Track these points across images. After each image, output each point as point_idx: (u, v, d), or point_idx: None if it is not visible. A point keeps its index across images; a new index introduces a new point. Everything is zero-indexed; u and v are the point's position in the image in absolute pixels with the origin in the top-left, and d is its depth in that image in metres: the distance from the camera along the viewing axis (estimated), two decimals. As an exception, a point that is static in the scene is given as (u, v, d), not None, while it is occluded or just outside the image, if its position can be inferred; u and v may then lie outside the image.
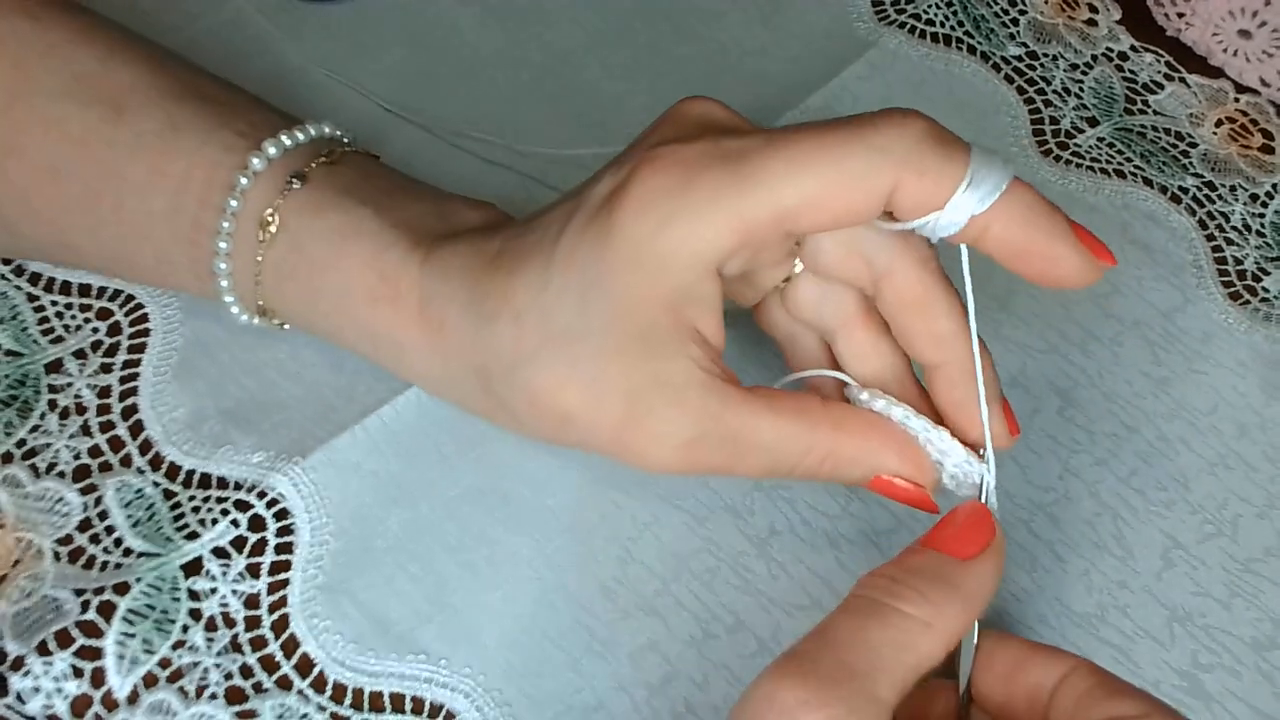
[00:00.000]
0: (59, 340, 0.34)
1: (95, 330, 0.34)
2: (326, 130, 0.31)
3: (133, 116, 0.29)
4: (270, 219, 0.29)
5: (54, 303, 0.34)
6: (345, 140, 0.31)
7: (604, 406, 0.26)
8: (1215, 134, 0.42)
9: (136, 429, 0.32)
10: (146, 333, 0.34)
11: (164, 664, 0.29)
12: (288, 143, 0.29)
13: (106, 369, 0.33)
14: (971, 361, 0.27)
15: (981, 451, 0.28)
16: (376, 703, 0.29)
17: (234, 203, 0.29)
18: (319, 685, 0.29)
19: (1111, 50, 0.44)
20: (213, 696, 0.29)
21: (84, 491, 0.31)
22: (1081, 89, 0.43)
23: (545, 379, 0.26)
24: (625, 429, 0.26)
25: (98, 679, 0.29)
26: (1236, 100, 0.43)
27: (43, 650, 0.29)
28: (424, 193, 0.30)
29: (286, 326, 0.31)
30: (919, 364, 0.29)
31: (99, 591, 0.30)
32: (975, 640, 0.26)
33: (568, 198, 0.27)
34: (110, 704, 0.29)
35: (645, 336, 0.25)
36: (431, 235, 0.28)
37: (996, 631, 0.27)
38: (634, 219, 0.25)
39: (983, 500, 0.28)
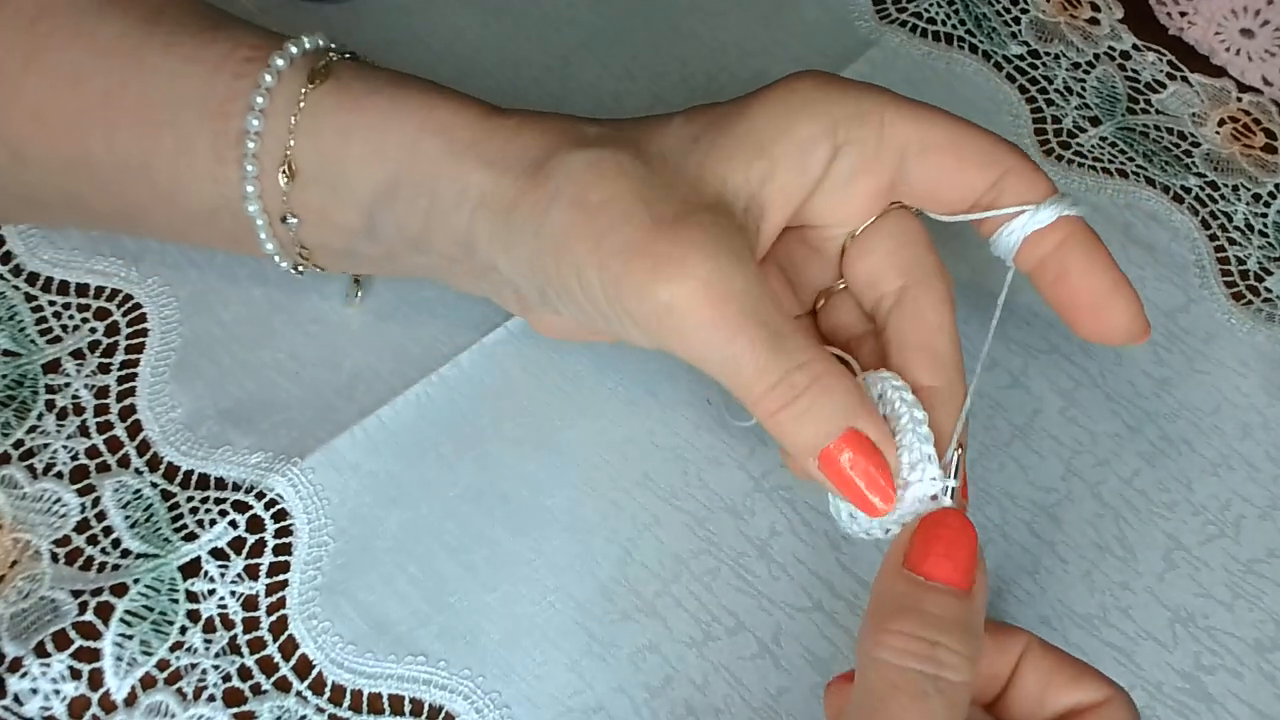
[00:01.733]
0: (56, 340, 0.34)
1: (93, 330, 0.34)
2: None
3: (171, 16, 0.29)
4: (323, 69, 0.28)
5: (51, 303, 0.34)
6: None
7: (654, 205, 0.26)
8: (1218, 133, 0.42)
9: (134, 429, 0.32)
10: (144, 333, 0.34)
11: (162, 665, 0.29)
12: (321, 42, 0.29)
13: (104, 369, 0.33)
14: (956, 394, 0.27)
15: (945, 464, 0.26)
16: (375, 704, 0.29)
17: (280, 61, 0.28)
18: (318, 687, 0.29)
19: (1114, 49, 0.44)
20: (211, 698, 0.29)
21: (82, 492, 0.31)
22: (1084, 88, 0.43)
23: (612, 164, 0.26)
24: (662, 231, 0.25)
25: (95, 680, 0.29)
26: (1239, 100, 0.43)
27: (40, 652, 0.29)
28: None
29: (292, 227, 0.29)
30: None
31: (97, 593, 0.30)
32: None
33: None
34: (108, 705, 0.29)
35: (728, 179, 0.27)
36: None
37: None
38: (795, 79, 0.28)
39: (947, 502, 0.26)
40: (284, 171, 0.28)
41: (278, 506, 0.31)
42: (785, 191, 0.27)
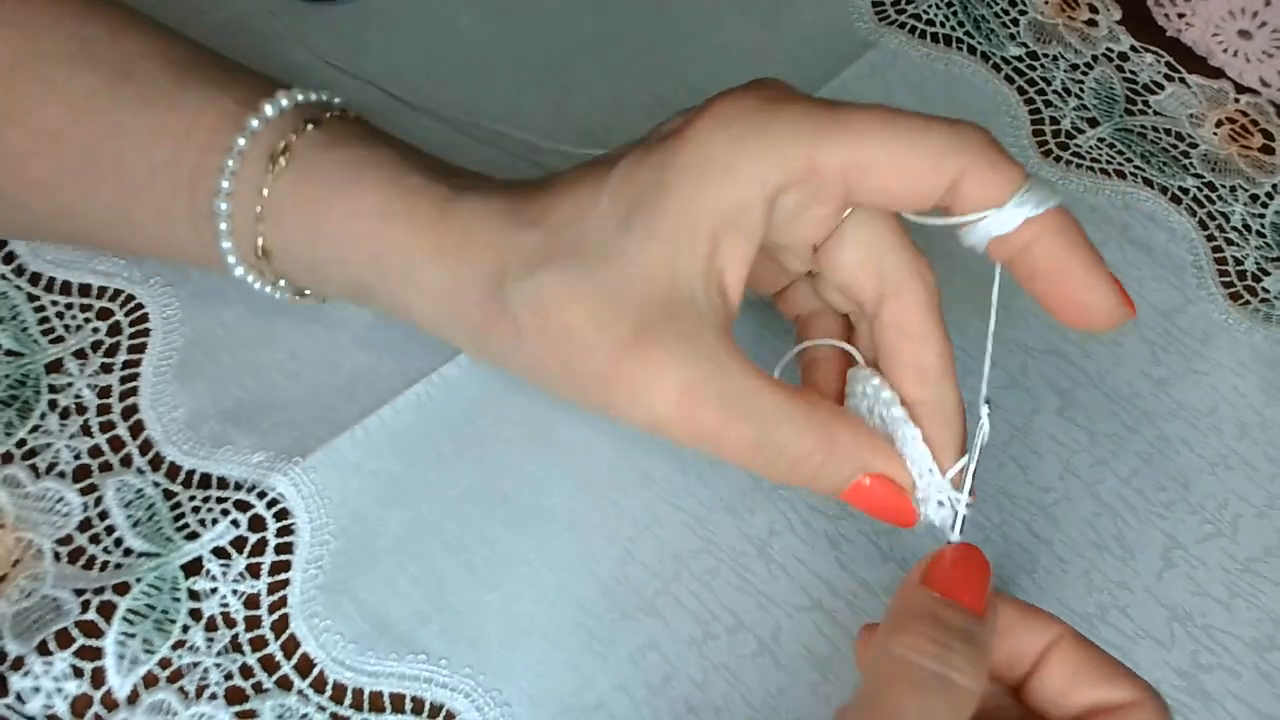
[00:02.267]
0: (59, 340, 0.34)
1: (95, 330, 0.34)
2: (336, 100, 0.31)
3: (140, 77, 0.29)
4: (283, 151, 0.28)
5: (54, 303, 0.34)
6: (354, 115, 0.31)
7: (610, 327, 0.25)
8: (1215, 134, 0.42)
9: (137, 429, 0.32)
10: (147, 333, 0.34)
11: (164, 664, 0.29)
12: (300, 98, 0.29)
13: (107, 369, 0.33)
14: (947, 405, 0.27)
15: (949, 476, 0.27)
16: (376, 703, 0.29)
17: (241, 141, 0.28)
18: (319, 685, 0.29)
19: (1112, 50, 0.44)
20: (213, 696, 0.29)
21: (84, 491, 0.31)
22: (1082, 89, 0.43)
23: (560, 288, 0.25)
24: (627, 357, 0.25)
25: (98, 679, 0.29)
26: (1237, 101, 0.43)
27: (43, 650, 0.29)
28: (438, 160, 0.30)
29: (282, 284, 0.30)
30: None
31: (99, 591, 0.30)
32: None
33: (620, 147, 0.27)
34: (110, 704, 0.29)
35: (675, 266, 0.25)
36: (457, 176, 0.29)
37: (994, 592, 0.27)
38: (709, 130, 0.25)
39: (956, 534, 0.27)
40: (258, 253, 0.29)
41: (279, 506, 0.31)
42: (735, 257, 0.26)
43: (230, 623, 0.30)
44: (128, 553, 0.31)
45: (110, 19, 0.30)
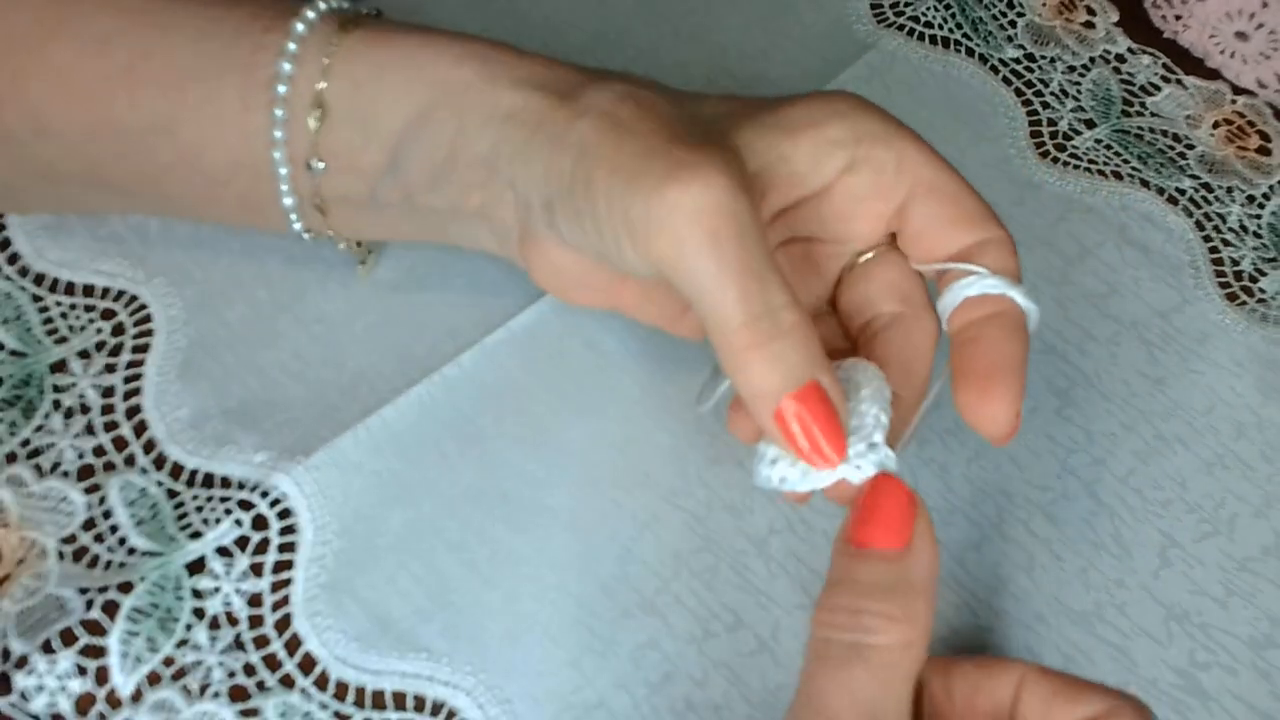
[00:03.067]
0: (63, 340, 0.34)
1: (99, 330, 0.34)
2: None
3: None
4: (353, 20, 0.29)
5: (58, 303, 0.34)
6: None
7: (678, 131, 0.26)
8: (1212, 135, 0.42)
9: (140, 428, 0.33)
10: (150, 333, 0.34)
11: (168, 662, 0.29)
12: (349, 5, 0.30)
13: (110, 369, 0.33)
14: (917, 400, 0.28)
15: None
16: (378, 700, 0.30)
17: (311, 14, 0.29)
18: (321, 683, 0.30)
19: (1109, 52, 0.44)
20: (216, 695, 0.29)
21: (88, 491, 0.31)
22: (1079, 91, 0.43)
23: (645, 97, 0.27)
24: (685, 146, 0.25)
25: (102, 677, 0.29)
26: (1233, 102, 0.43)
27: (47, 649, 0.29)
28: None
29: (320, 165, 0.29)
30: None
31: (103, 590, 0.30)
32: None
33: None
34: (114, 702, 0.29)
35: (753, 146, 0.27)
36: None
37: (942, 658, 0.27)
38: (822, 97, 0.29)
39: (884, 465, 0.26)
40: (314, 112, 0.28)
41: (282, 505, 0.32)
42: (794, 179, 0.28)
43: (233, 621, 0.30)
44: (131, 552, 0.31)
45: None
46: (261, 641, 0.30)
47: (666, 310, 0.30)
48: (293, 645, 0.30)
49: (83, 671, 0.29)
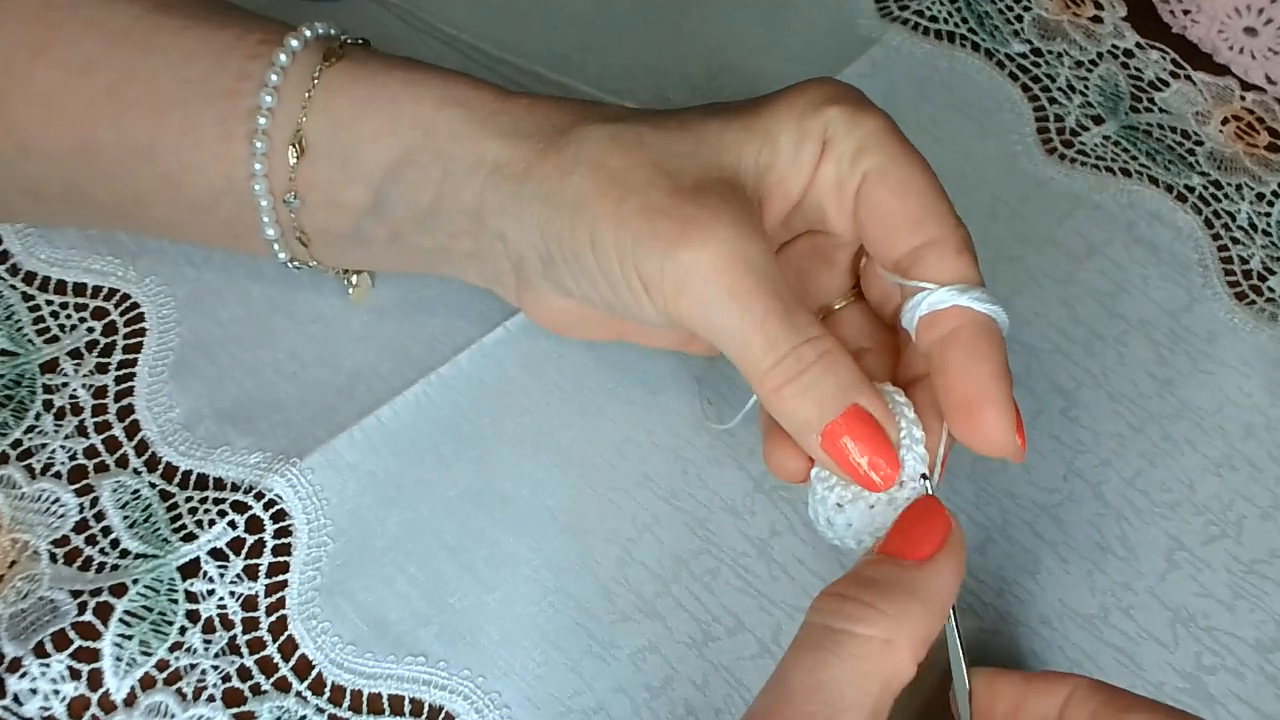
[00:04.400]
0: (54, 340, 0.33)
1: (91, 330, 0.34)
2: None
3: (184, 4, 0.29)
4: (337, 50, 0.29)
5: (49, 302, 0.34)
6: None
7: (674, 177, 0.26)
8: (1221, 132, 0.42)
9: (133, 429, 0.32)
10: (142, 332, 0.34)
11: (161, 666, 0.29)
12: (336, 32, 0.30)
13: (102, 369, 0.33)
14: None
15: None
16: (375, 704, 0.29)
17: (295, 42, 0.29)
18: (317, 687, 0.29)
19: (1117, 47, 0.44)
20: (210, 698, 0.29)
21: (80, 492, 0.31)
22: (1086, 86, 0.43)
23: (634, 137, 0.26)
24: (685, 198, 0.25)
25: (95, 681, 0.29)
26: (1242, 98, 0.43)
27: (40, 652, 0.29)
28: None
29: (293, 202, 0.29)
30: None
31: (96, 593, 0.30)
32: (960, 644, 0.25)
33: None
34: (107, 706, 0.28)
35: (743, 156, 0.27)
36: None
37: (988, 669, 0.27)
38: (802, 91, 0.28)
39: (930, 490, 0.26)
40: (294, 147, 0.28)
41: (277, 507, 0.31)
42: (783, 184, 0.27)
43: (228, 624, 0.30)
44: (124, 554, 0.30)
45: None
46: (256, 645, 0.30)
47: (675, 338, 0.31)
48: (288, 649, 0.30)
49: (76, 675, 0.29)
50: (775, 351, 0.25)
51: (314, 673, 0.29)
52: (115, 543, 0.31)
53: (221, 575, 0.30)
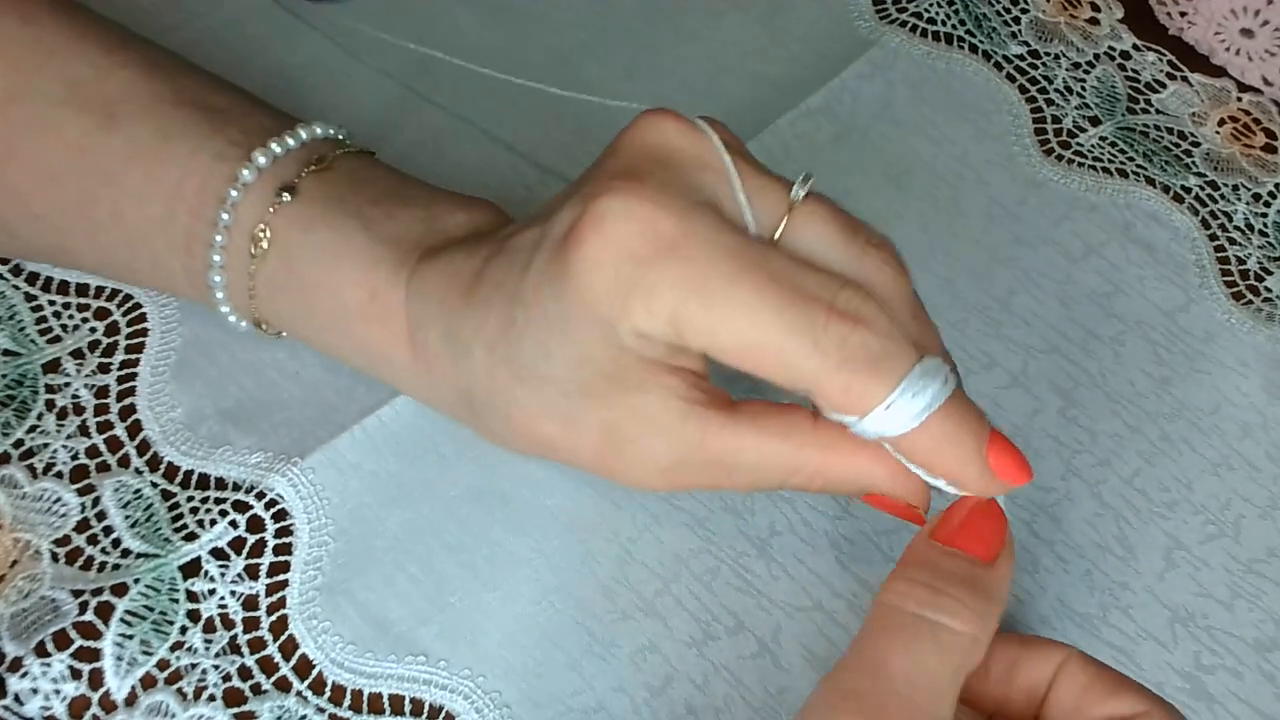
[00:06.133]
0: (56, 340, 0.34)
1: (93, 330, 0.34)
2: (319, 131, 0.30)
3: (126, 124, 0.29)
4: (261, 234, 0.29)
5: (51, 302, 0.34)
6: (340, 137, 0.31)
7: (582, 437, 0.26)
8: (1218, 133, 0.42)
9: (134, 429, 0.32)
10: (144, 332, 0.34)
11: (162, 665, 0.29)
12: (278, 150, 0.29)
13: (104, 369, 0.33)
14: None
15: None
16: (376, 704, 0.29)
17: (225, 216, 0.29)
18: (318, 687, 0.29)
19: (1114, 49, 0.44)
20: (211, 698, 0.29)
21: (82, 492, 0.31)
22: (1084, 88, 0.43)
23: (521, 412, 0.26)
24: (605, 456, 0.26)
25: (96, 680, 0.29)
26: (1239, 99, 0.43)
27: (41, 651, 0.29)
28: (415, 196, 0.30)
29: (284, 335, 0.32)
30: None
31: (97, 592, 0.30)
32: None
33: (541, 217, 0.26)
34: (108, 705, 0.29)
35: (612, 377, 0.25)
36: (418, 248, 0.28)
37: None
38: (588, 276, 0.24)
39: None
40: (256, 322, 0.30)
41: (278, 506, 0.31)
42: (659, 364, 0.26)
43: (229, 624, 0.30)
44: (126, 553, 0.30)
45: (97, 55, 0.30)
46: (257, 644, 0.30)
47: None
48: (289, 648, 0.30)
49: (77, 674, 0.29)
50: (768, 485, 0.26)
51: (314, 672, 0.29)
52: (117, 542, 0.31)
53: (223, 575, 0.30)
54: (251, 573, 0.31)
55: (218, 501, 0.31)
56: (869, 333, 0.23)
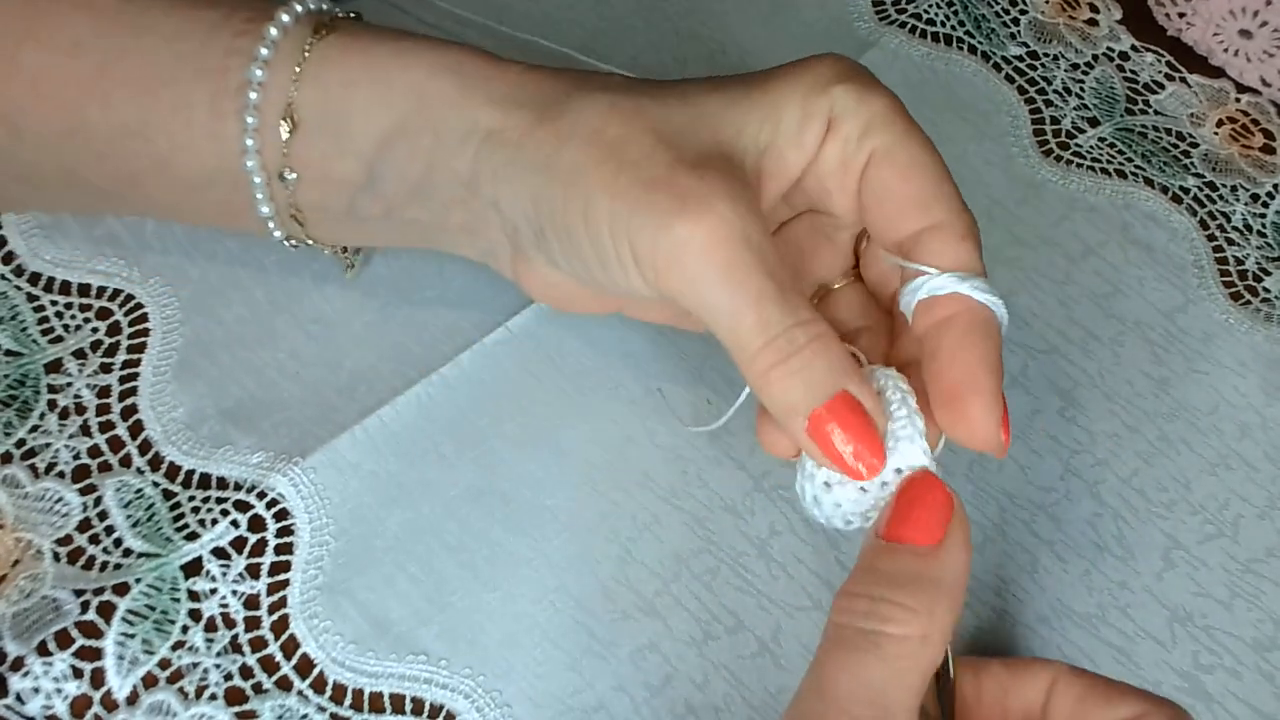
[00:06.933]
0: (58, 340, 0.34)
1: (95, 330, 0.34)
2: (311, 5, 0.30)
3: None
4: (328, 23, 0.28)
5: (54, 302, 0.34)
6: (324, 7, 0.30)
7: (673, 148, 0.25)
8: (1216, 134, 0.42)
9: (136, 429, 0.32)
10: (146, 332, 0.34)
11: (164, 664, 0.29)
12: (287, 19, 0.29)
13: (106, 369, 0.33)
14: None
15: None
16: (376, 703, 0.29)
17: (285, 17, 0.28)
18: (319, 686, 0.29)
19: (1112, 50, 0.44)
20: (212, 697, 0.29)
21: (83, 492, 0.31)
22: (1082, 89, 0.43)
23: (634, 107, 0.26)
24: (685, 170, 0.25)
25: (97, 679, 0.29)
26: (1237, 100, 0.43)
27: (42, 651, 0.29)
28: (421, 40, 0.30)
29: (290, 178, 0.29)
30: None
31: (99, 592, 0.30)
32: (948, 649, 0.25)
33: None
34: (110, 704, 0.29)
35: (744, 133, 0.26)
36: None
37: (971, 659, 0.27)
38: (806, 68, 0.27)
39: (928, 464, 0.25)
40: (286, 121, 0.28)
41: (279, 506, 0.31)
42: (784, 162, 0.27)
43: (230, 623, 0.30)
44: (127, 553, 0.30)
45: None
46: (258, 644, 0.30)
47: (671, 313, 0.30)
48: (290, 647, 0.30)
49: (78, 674, 0.29)
50: (767, 332, 0.24)
51: (315, 671, 0.30)
52: (118, 542, 0.31)
53: (224, 574, 0.31)
54: (253, 572, 0.31)
55: (219, 501, 0.31)
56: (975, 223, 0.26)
